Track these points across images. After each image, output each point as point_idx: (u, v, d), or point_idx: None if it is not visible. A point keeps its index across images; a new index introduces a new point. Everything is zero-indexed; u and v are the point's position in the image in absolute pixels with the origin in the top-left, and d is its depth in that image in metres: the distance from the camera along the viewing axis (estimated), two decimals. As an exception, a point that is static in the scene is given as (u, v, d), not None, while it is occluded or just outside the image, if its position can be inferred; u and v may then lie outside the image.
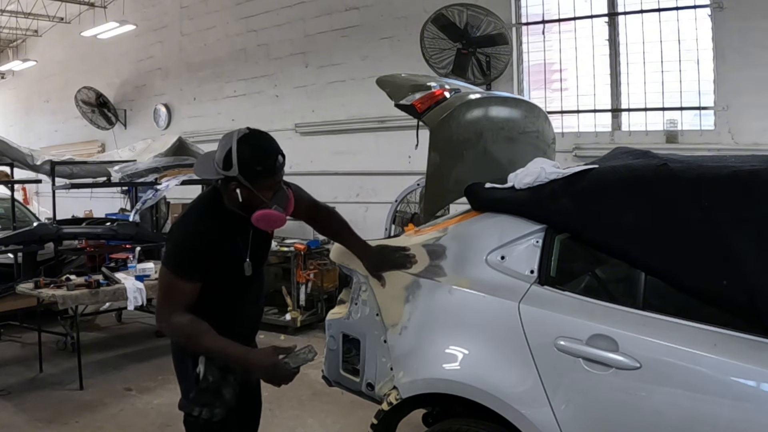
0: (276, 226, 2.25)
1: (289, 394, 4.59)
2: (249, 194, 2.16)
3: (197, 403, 2.28)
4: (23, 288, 5.08)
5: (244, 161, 2.11)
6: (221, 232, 2.24)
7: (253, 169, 2.12)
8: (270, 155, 2.16)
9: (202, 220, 2.26)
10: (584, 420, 2.10)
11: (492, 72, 6.24)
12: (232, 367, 2.23)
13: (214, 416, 2.26)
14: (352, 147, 7.59)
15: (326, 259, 6.59)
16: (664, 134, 5.53)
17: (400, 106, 2.90)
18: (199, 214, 2.30)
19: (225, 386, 2.29)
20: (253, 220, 2.17)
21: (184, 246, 2.22)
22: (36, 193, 12.12)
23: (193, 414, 2.28)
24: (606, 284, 2.53)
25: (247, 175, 2.12)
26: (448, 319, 2.46)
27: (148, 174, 6.87)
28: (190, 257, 2.18)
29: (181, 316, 2.15)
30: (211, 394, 2.28)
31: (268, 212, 2.16)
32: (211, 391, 2.28)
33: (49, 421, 4.27)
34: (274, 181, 2.20)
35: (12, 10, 11.08)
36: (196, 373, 2.28)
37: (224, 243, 2.24)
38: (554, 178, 2.44)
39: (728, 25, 5.11)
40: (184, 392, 2.37)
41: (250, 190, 2.15)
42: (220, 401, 2.28)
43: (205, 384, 2.27)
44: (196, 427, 2.32)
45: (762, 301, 1.87)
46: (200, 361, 2.27)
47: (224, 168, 2.14)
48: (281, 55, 8.33)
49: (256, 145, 2.16)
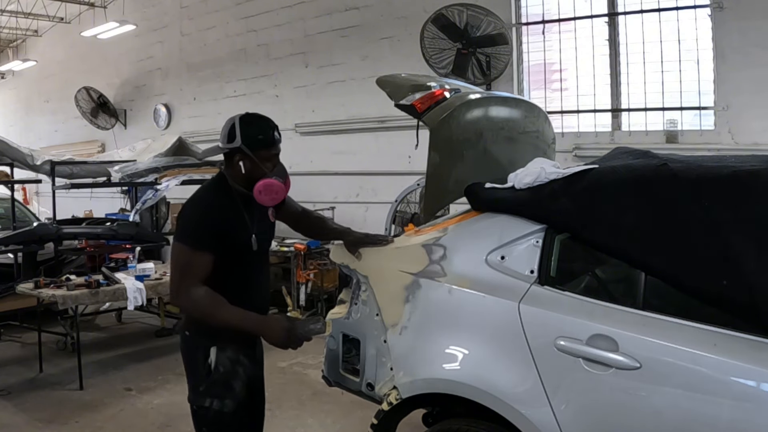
0: (277, 197, 2.40)
1: (289, 394, 4.60)
2: (252, 165, 2.35)
3: (208, 395, 2.37)
4: (23, 288, 5.08)
5: (247, 132, 2.33)
6: (229, 207, 2.39)
7: (255, 138, 2.34)
8: (269, 127, 2.40)
9: (211, 197, 2.42)
10: (584, 420, 2.10)
11: (492, 72, 6.25)
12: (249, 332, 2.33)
13: (224, 407, 2.36)
14: (352, 147, 7.59)
15: (326, 259, 6.59)
16: (664, 134, 5.54)
17: (400, 106, 2.90)
18: (208, 192, 2.46)
19: (235, 378, 2.39)
20: (255, 190, 2.33)
21: (197, 220, 2.35)
22: (36, 193, 12.13)
23: (204, 405, 2.37)
24: (606, 284, 2.53)
25: (250, 144, 2.33)
26: (448, 319, 2.46)
27: (148, 174, 6.87)
28: (203, 230, 2.31)
29: (198, 288, 2.26)
30: (221, 386, 2.37)
31: (269, 181, 2.34)
32: (222, 383, 2.37)
33: (49, 421, 4.27)
34: (273, 153, 2.39)
35: (12, 10, 11.09)
36: (207, 364, 2.37)
37: (233, 217, 2.39)
38: (554, 178, 2.43)
39: (728, 25, 5.11)
40: (193, 386, 2.44)
41: (253, 161, 2.34)
42: (231, 393, 2.38)
43: (217, 375, 2.37)
44: (206, 418, 2.40)
45: (762, 301, 1.87)
46: (212, 352, 2.37)
47: (228, 141, 2.35)
48: (281, 55, 8.33)
49: (256, 119, 2.41)
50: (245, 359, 2.44)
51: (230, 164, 2.40)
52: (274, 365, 4.86)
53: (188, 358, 2.47)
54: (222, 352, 2.37)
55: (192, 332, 2.45)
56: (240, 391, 2.40)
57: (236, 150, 2.35)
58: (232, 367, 2.39)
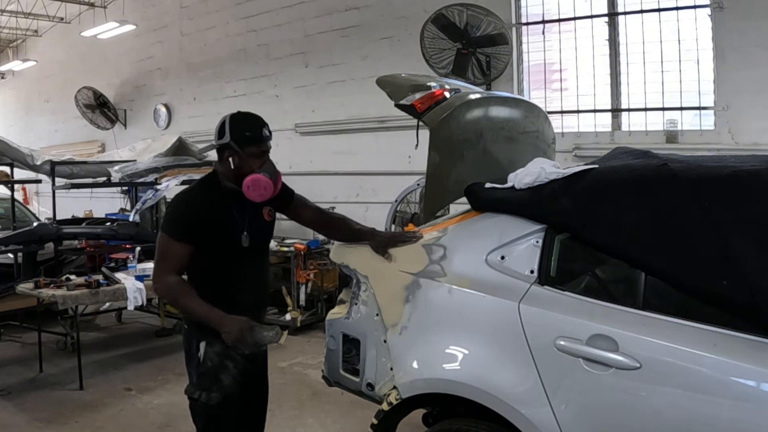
0: (265, 194, 2.45)
1: (289, 394, 4.60)
2: (240, 162, 2.43)
3: (198, 387, 2.46)
4: (23, 288, 5.08)
5: (235, 129, 2.44)
6: (216, 202, 2.48)
7: (242, 134, 2.43)
8: (258, 125, 2.48)
9: (197, 192, 2.54)
10: (584, 420, 2.10)
11: (492, 72, 6.24)
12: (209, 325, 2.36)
13: (210, 400, 2.43)
14: (352, 147, 7.59)
15: (326, 259, 6.59)
16: (664, 134, 5.53)
17: (400, 106, 2.90)
18: (196, 186, 2.59)
19: (223, 372, 2.45)
20: (243, 186, 2.42)
21: (179, 211, 2.49)
22: (36, 193, 12.13)
23: (194, 397, 2.46)
24: (606, 284, 2.53)
25: (238, 140, 2.42)
26: (448, 319, 2.46)
27: (148, 174, 6.87)
28: (182, 221, 2.43)
29: (172, 276, 2.40)
30: (209, 378, 2.45)
31: (256, 176, 2.41)
32: (210, 375, 2.45)
33: (49, 421, 4.27)
34: (261, 149, 2.47)
35: (12, 10, 11.08)
36: (198, 357, 2.45)
37: (218, 212, 2.47)
38: (554, 178, 2.43)
39: (728, 25, 5.11)
40: (189, 377, 2.54)
41: (241, 157, 2.42)
42: (218, 386, 2.44)
43: (204, 368, 2.45)
44: (196, 410, 2.49)
45: (762, 301, 1.87)
46: (201, 346, 2.45)
47: (218, 138, 2.46)
48: (281, 55, 8.33)
49: (245, 116, 2.51)
50: (237, 355, 2.46)
51: (221, 160, 2.51)
52: (275, 365, 4.81)
53: (186, 349, 2.55)
54: (210, 347, 2.44)
55: (189, 325, 2.53)
56: (229, 385, 2.46)
57: (226, 146, 2.45)
58: (220, 362, 2.45)
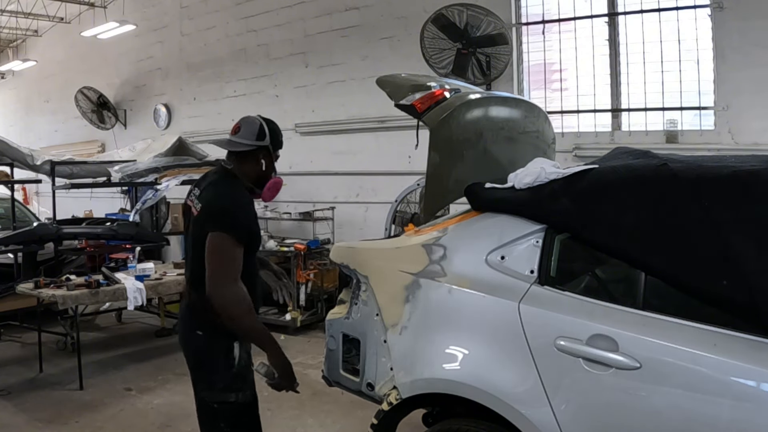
0: (276, 193, 2.61)
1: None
2: (269, 163, 2.55)
3: (231, 390, 2.44)
4: (23, 288, 5.08)
5: (273, 132, 2.54)
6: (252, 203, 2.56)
7: (278, 139, 2.57)
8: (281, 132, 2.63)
9: (245, 194, 2.54)
10: (584, 420, 2.10)
11: (492, 72, 6.24)
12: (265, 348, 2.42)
13: (246, 398, 2.48)
14: (352, 147, 7.59)
15: (326, 259, 6.59)
16: (664, 134, 5.53)
17: (400, 106, 2.90)
18: (239, 187, 2.53)
19: (248, 371, 2.52)
20: (265, 187, 2.55)
21: (241, 215, 2.43)
22: (36, 193, 12.13)
23: (229, 401, 2.43)
24: (606, 284, 2.53)
25: (275, 144, 2.56)
26: (448, 319, 2.46)
27: (148, 174, 6.87)
28: (244, 225, 2.42)
29: (239, 286, 2.33)
30: (241, 378, 2.48)
31: (278, 179, 2.58)
32: (242, 375, 2.48)
33: (49, 421, 4.27)
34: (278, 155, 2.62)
35: (12, 10, 11.08)
36: (231, 358, 2.44)
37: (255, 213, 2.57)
38: (554, 178, 2.43)
39: (728, 25, 5.11)
40: (210, 384, 2.46)
41: (272, 160, 2.55)
42: (248, 384, 2.51)
43: (238, 369, 2.46)
44: (232, 413, 2.45)
45: (762, 301, 1.87)
46: (235, 347, 2.45)
47: (258, 139, 2.50)
48: (281, 55, 8.33)
49: (274, 123, 2.60)
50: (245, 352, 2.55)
51: (247, 161, 2.51)
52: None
53: (206, 357, 2.47)
54: (242, 346, 2.48)
55: (208, 332, 2.45)
56: (253, 381, 2.53)
57: (264, 148, 2.51)
58: (248, 360, 2.51)
